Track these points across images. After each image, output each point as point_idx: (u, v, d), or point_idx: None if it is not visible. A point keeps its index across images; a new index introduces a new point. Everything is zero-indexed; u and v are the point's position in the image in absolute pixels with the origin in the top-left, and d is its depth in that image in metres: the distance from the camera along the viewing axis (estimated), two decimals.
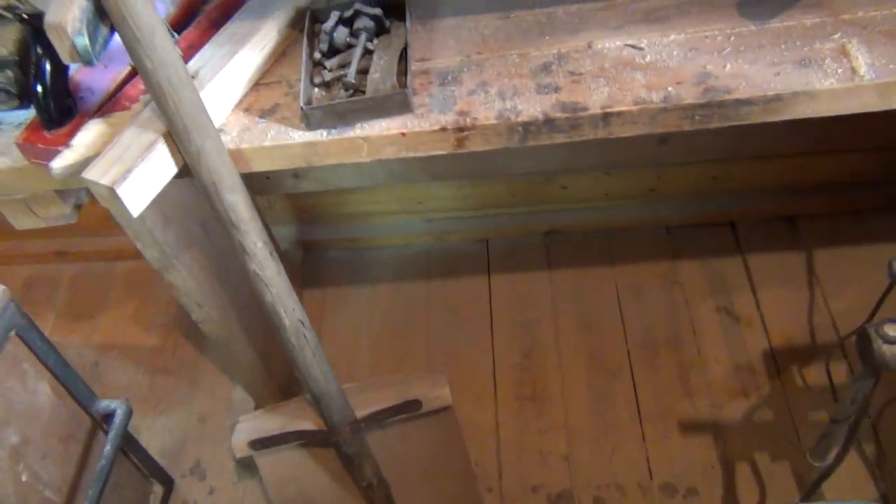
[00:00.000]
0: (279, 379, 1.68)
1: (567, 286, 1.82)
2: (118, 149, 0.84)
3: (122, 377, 1.82)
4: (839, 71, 0.82)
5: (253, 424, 1.24)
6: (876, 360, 0.73)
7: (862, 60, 0.82)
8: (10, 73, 0.86)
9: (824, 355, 1.63)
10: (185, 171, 0.89)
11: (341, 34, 0.92)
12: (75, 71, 0.92)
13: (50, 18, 0.72)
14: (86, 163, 0.87)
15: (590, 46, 0.91)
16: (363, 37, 0.92)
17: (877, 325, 0.74)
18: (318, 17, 0.97)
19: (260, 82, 0.95)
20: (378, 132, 0.87)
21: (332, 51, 0.93)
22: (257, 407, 1.64)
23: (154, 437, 1.71)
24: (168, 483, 1.61)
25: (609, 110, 0.84)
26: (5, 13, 0.85)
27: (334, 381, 1.13)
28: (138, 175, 0.83)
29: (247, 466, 1.64)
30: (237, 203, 0.88)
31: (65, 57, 0.75)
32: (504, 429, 1.62)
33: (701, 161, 1.76)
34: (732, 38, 0.88)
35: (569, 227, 1.88)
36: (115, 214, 0.85)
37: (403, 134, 0.87)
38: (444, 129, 0.86)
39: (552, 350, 1.72)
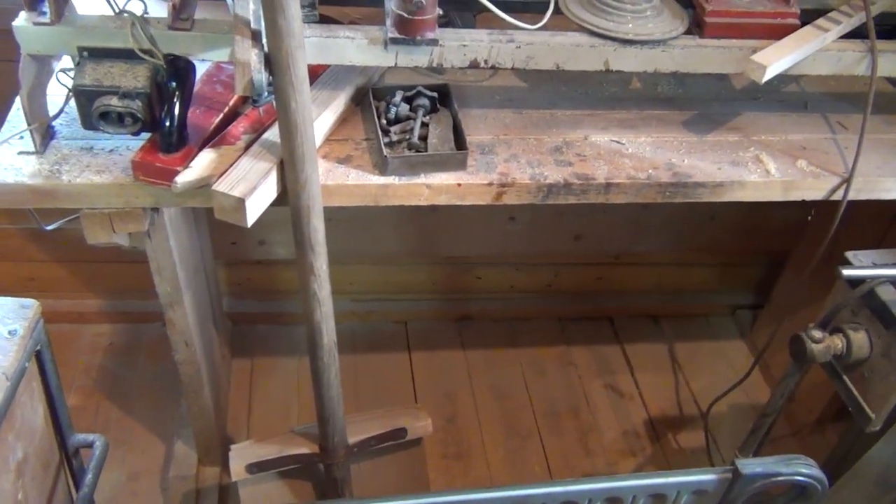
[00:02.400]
0: (223, 432, 1.76)
1: (480, 364, 2.07)
2: (239, 171, 1.02)
3: None
4: (758, 170, 1.20)
5: (247, 451, 1.34)
6: (807, 356, 1.05)
7: (772, 166, 1.21)
8: (139, 102, 1.02)
9: (691, 423, 1.99)
10: (281, 199, 1.07)
11: (404, 108, 1.18)
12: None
13: (239, 56, 0.92)
14: (201, 181, 1.03)
15: (586, 139, 1.23)
16: (421, 112, 1.18)
17: (805, 330, 1.07)
18: (376, 95, 1.22)
19: (330, 138, 1.17)
20: (439, 182, 1.12)
21: (396, 120, 1.18)
22: (201, 460, 1.70)
23: None
24: None
25: (610, 181, 1.15)
26: (142, 55, 1.02)
27: (341, 405, 1.29)
28: (259, 192, 1.01)
29: None
30: (319, 228, 1.08)
31: (240, 89, 0.94)
32: (434, 485, 1.78)
33: (590, 264, 2.14)
34: (684, 143, 1.24)
35: (480, 313, 2.16)
36: (231, 220, 1.01)
37: (459, 185, 1.12)
38: (490, 184, 1.13)
39: (472, 416, 1.94)
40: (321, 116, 1.13)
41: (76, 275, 1.98)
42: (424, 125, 1.18)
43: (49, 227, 1.22)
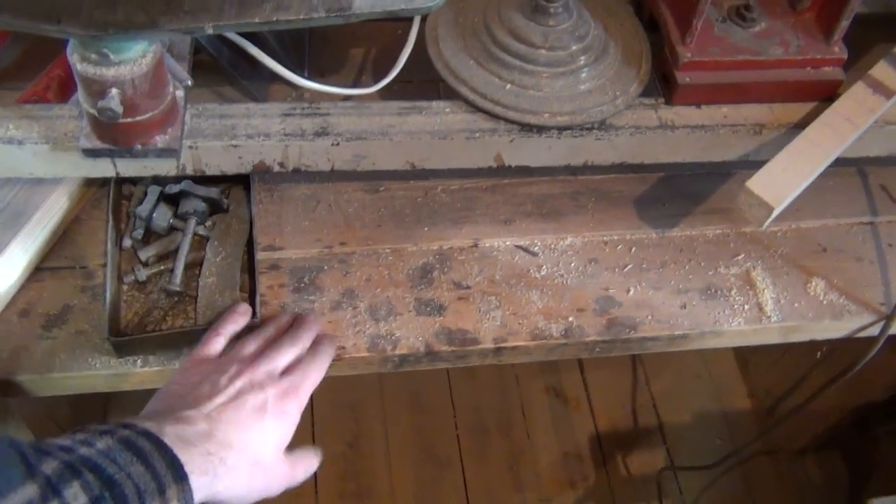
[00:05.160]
0: None
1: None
2: None
3: None
4: (746, 308, 0.75)
5: None
6: None
7: (768, 295, 0.76)
8: None
9: (647, 439, 1.65)
10: None
11: (163, 216, 0.70)
12: None
13: None
14: None
15: (476, 245, 0.76)
16: (192, 222, 0.70)
17: None
18: (123, 189, 0.73)
19: (43, 265, 0.71)
20: None
21: (148, 233, 0.71)
22: None
23: None
24: None
25: (503, 345, 0.71)
26: None
27: None
28: None
29: None
30: None
31: None
32: None
33: None
34: (633, 250, 0.77)
35: None
36: None
37: None
38: None
39: (379, 437, 1.59)
40: (10, 246, 0.66)
41: None
42: (200, 238, 0.72)
43: None
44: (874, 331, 0.77)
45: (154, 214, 0.70)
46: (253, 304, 0.67)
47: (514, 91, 0.64)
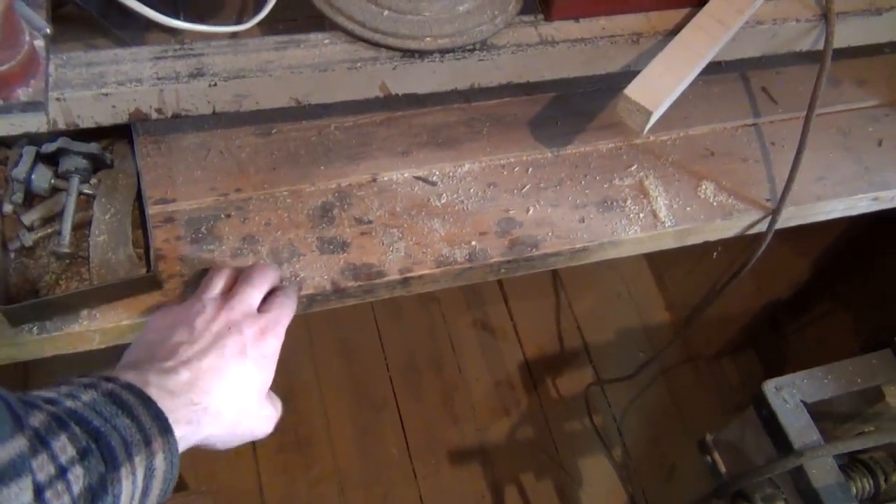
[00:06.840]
0: None
1: (322, 312, 1.69)
2: None
3: None
4: (641, 216, 0.77)
5: None
6: None
7: (661, 202, 0.78)
8: None
9: (574, 361, 1.71)
10: None
11: (42, 177, 0.67)
12: None
13: None
14: None
15: (375, 180, 0.76)
16: (75, 181, 0.68)
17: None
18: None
19: None
20: (114, 322, 0.66)
21: (31, 197, 0.68)
22: None
23: None
24: None
25: (409, 274, 0.72)
26: None
27: None
28: None
29: None
30: None
31: None
32: (269, 489, 1.49)
33: None
34: (530, 170, 0.79)
35: None
36: None
37: None
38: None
39: (313, 386, 1.60)
40: None
41: None
42: (87, 197, 0.69)
43: None
44: (762, 226, 0.81)
45: (32, 176, 0.67)
46: (148, 260, 0.66)
47: (393, 17, 0.63)
